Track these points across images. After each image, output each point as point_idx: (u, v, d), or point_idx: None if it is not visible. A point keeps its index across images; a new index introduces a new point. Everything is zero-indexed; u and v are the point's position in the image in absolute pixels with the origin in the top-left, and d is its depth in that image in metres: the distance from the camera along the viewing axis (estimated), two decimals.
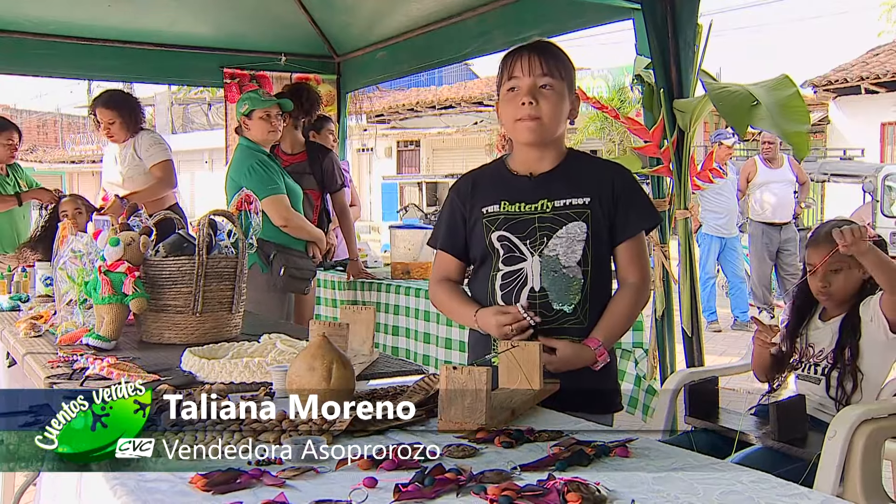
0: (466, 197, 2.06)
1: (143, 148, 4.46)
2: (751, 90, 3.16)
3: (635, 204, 2.01)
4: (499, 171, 2.07)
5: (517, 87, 1.94)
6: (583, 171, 2.02)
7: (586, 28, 4.19)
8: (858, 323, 2.44)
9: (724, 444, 2.37)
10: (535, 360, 1.75)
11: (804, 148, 3.14)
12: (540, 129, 1.94)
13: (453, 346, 3.90)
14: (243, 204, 2.97)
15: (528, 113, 1.93)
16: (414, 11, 4.92)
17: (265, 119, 3.73)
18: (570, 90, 1.99)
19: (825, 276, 2.47)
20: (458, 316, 2.09)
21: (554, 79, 1.94)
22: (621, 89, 16.37)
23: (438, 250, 2.13)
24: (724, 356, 6.38)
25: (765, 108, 3.08)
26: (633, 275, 2.02)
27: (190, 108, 28.78)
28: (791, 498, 1.22)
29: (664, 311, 3.65)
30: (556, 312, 1.95)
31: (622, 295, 2.02)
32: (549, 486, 1.22)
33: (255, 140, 3.77)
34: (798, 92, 3.19)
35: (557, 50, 1.99)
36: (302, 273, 3.81)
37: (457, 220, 2.08)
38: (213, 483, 1.25)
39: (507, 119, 1.99)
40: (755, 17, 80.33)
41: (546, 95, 1.93)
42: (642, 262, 2.03)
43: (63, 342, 2.51)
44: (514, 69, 1.95)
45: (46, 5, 4.94)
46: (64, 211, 4.03)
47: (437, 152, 23.73)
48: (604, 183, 1.99)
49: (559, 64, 1.96)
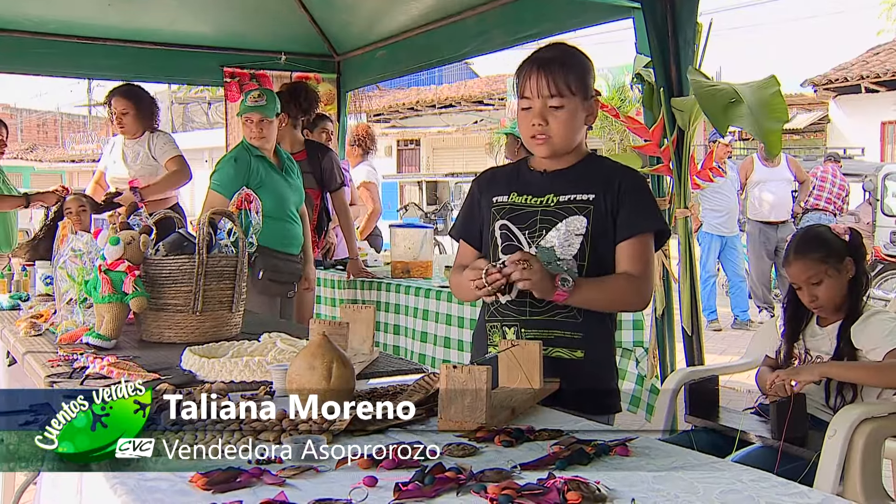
0: (484, 188, 2.11)
1: (157, 147, 4.48)
2: (737, 89, 3.17)
3: (640, 205, 1.99)
4: (517, 168, 2.13)
5: (529, 107, 1.96)
6: (594, 171, 2.02)
7: (586, 27, 4.19)
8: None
9: (724, 443, 2.37)
10: (535, 359, 1.75)
11: (776, 145, 3.17)
12: (551, 146, 1.97)
13: (452, 346, 3.90)
14: (243, 203, 2.97)
15: (539, 132, 1.96)
16: (414, 10, 4.92)
17: (247, 124, 3.74)
18: (585, 98, 1.97)
19: (809, 290, 2.43)
20: (469, 277, 1.98)
21: (564, 97, 1.93)
22: (621, 88, 16.36)
23: (460, 240, 2.17)
24: (725, 355, 6.38)
25: (746, 106, 3.10)
26: (630, 269, 1.96)
27: (190, 107, 28.77)
28: (791, 497, 1.22)
29: (664, 310, 3.65)
30: (547, 304, 1.94)
31: (614, 276, 1.97)
32: (549, 485, 1.21)
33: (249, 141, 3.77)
34: (780, 91, 3.19)
35: (569, 60, 1.96)
36: (282, 276, 3.76)
37: (474, 211, 2.12)
38: (212, 482, 1.25)
39: (523, 132, 2.02)
40: (755, 16, 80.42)
41: (556, 116, 1.94)
42: (643, 261, 1.97)
43: (63, 341, 2.51)
44: (524, 89, 1.96)
45: (46, 4, 4.95)
46: (68, 209, 4.03)
47: (437, 151, 23.73)
48: (611, 182, 1.99)
49: (569, 78, 1.93)
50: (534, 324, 1.95)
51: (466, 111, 21.97)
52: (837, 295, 2.42)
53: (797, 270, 2.44)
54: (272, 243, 3.65)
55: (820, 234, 2.48)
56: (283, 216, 3.71)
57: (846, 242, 2.45)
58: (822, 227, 2.56)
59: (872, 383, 2.33)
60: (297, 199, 3.85)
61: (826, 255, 2.41)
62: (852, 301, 2.43)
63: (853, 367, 2.34)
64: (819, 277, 2.41)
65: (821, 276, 2.41)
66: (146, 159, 4.47)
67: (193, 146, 24.93)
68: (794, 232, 2.67)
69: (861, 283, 2.43)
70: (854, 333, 2.38)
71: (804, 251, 2.44)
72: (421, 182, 18.93)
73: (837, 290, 2.42)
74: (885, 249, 8.65)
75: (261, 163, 3.70)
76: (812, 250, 2.43)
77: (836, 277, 2.41)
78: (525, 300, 1.96)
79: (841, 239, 2.45)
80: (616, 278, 1.96)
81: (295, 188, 3.85)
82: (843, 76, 14.73)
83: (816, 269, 2.41)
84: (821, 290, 2.42)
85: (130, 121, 4.44)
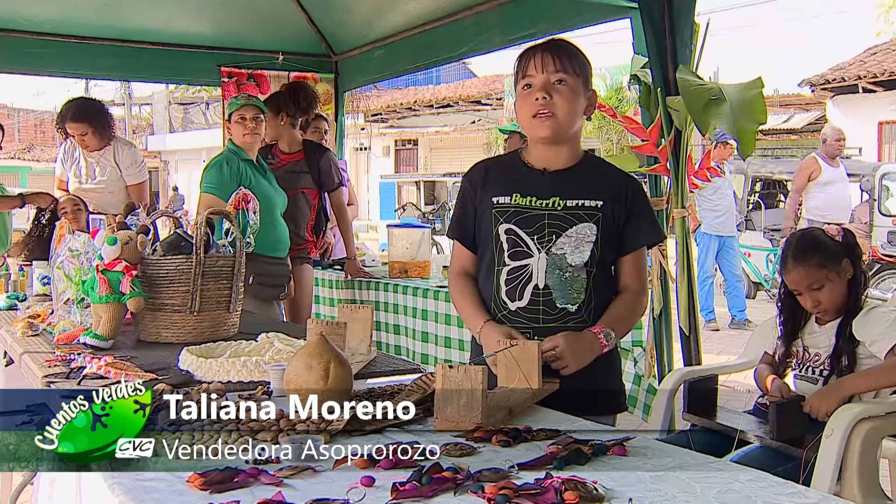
0: (478, 185, 2.07)
1: (124, 164, 4.44)
2: (723, 88, 3.19)
3: (645, 218, 2.04)
4: (513, 163, 2.08)
5: (531, 84, 1.95)
6: (598, 175, 2.03)
7: (584, 27, 4.19)
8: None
9: (722, 443, 2.36)
10: (533, 358, 1.75)
11: (749, 144, 3.18)
12: (555, 124, 1.95)
13: (452, 345, 3.90)
14: (241, 203, 2.97)
15: (542, 108, 1.93)
16: (411, 10, 4.92)
17: (240, 122, 3.72)
18: (586, 86, 1.99)
19: (811, 295, 2.42)
20: (466, 320, 2.08)
21: (567, 74, 1.94)
22: (619, 88, 16.38)
23: (454, 240, 2.15)
24: (722, 355, 6.39)
25: (727, 105, 3.11)
26: (634, 284, 2.05)
27: (188, 106, 28.73)
28: (788, 496, 1.22)
29: (662, 310, 3.65)
30: (559, 311, 1.96)
31: (624, 298, 2.04)
32: (546, 485, 1.22)
33: (236, 143, 3.74)
34: (762, 93, 3.22)
35: (572, 47, 2.00)
36: (272, 280, 3.76)
37: (467, 209, 2.09)
38: (210, 482, 1.25)
39: (522, 116, 1.99)
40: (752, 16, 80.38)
41: (560, 91, 1.94)
42: (643, 274, 2.07)
43: (60, 341, 2.51)
44: (527, 68, 1.96)
45: (44, 4, 4.94)
46: (63, 209, 4.03)
47: (434, 151, 23.73)
48: (618, 190, 2.01)
49: (573, 60, 1.96)
50: (546, 331, 1.94)
51: (464, 111, 21.97)
52: (839, 297, 2.42)
53: (798, 277, 2.43)
54: (260, 249, 3.60)
55: (815, 239, 2.47)
56: (271, 221, 3.69)
57: (841, 244, 2.45)
58: (817, 230, 2.56)
59: (891, 384, 2.33)
60: (282, 202, 3.84)
61: (825, 259, 2.41)
62: (852, 300, 2.43)
63: (869, 376, 2.33)
64: (820, 283, 2.41)
65: (822, 282, 2.40)
66: (114, 173, 4.44)
67: (191, 146, 24.96)
68: (787, 237, 2.66)
69: (860, 282, 2.44)
70: (855, 327, 2.38)
71: (803, 258, 2.42)
72: (419, 182, 18.96)
73: (839, 293, 2.42)
74: (883, 249, 8.65)
75: (248, 166, 3.69)
76: (810, 256, 2.42)
77: (837, 280, 2.41)
78: (538, 307, 1.96)
79: (836, 241, 2.45)
80: (628, 302, 2.03)
81: (279, 192, 3.85)
82: (840, 76, 14.73)
83: (817, 276, 2.40)
84: (823, 295, 2.41)
85: (91, 139, 4.37)
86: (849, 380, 2.34)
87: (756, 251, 9.75)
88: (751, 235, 10.10)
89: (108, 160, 4.43)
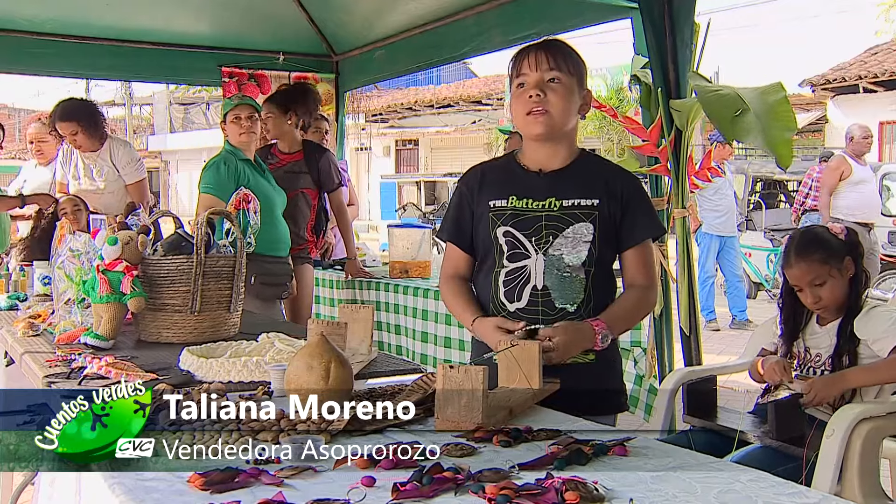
0: (474, 189, 2.07)
1: (120, 163, 4.43)
2: (742, 94, 3.14)
3: (642, 211, 2.03)
4: (509, 165, 2.08)
5: (525, 82, 1.95)
6: (593, 173, 2.03)
7: (584, 27, 4.19)
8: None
9: (722, 443, 2.37)
10: (534, 359, 1.75)
11: (788, 156, 3.09)
12: (549, 121, 1.94)
13: (452, 345, 3.90)
14: (241, 203, 2.97)
15: (536, 105, 1.93)
16: (412, 10, 4.92)
17: (235, 122, 3.71)
18: (581, 85, 2.00)
19: (812, 291, 2.42)
20: (459, 317, 2.10)
21: (561, 73, 1.95)
22: (619, 88, 16.39)
23: (447, 242, 2.13)
24: (723, 355, 6.38)
25: (752, 115, 3.05)
26: (640, 279, 2.04)
27: (189, 107, 28.75)
28: (789, 497, 1.22)
29: (662, 310, 3.65)
30: (558, 311, 1.96)
31: (628, 294, 2.05)
32: (547, 485, 1.22)
33: (233, 144, 3.73)
34: (786, 98, 3.14)
35: (566, 46, 2.01)
36: (275, 279, 3.76)
37: (464, 212, 2.08)
38: (210, 482, 1.25)
39: (517, 115, 1.99)
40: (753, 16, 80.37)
41: (554, 88, 1.94)
42: (649, 267, 2.06)
43: (61, 341, 2.51)
44: (521, 67, 1.97)
45: (44, 4, 4.93)
46: (63, 209, 4.03)
47: (435, 151, 23.74)
48: (613, 187, 2.00)
49: (567, 59, 1.97)
50: None
51: (465, 111, 21.98)
52: (840, 294, 2.42)
53: (800, 273, 2.44)
54: (261, 248, 3.61)
55: (819, 235, 2.48)
56: (271, 220, 3.68)
57: (844, 241, 2.45)
58: (820, 227, 2.57)
59: (894, 379, 2.32)
60: (281, 201, 3.84)
61: (827, 255, 2.41)
62: (853, 298, 2.43)
63: (872, 370, 2.33)
64: (822, 279, 2.41)
65: (824, 278, 2.41)
66: (111, 173, 4.43)
67: (192, 146, 24.97)
68: (791, 234, 2.66)
69: (861, 280, 2.44)
70: (857, 326, 2.38)
71: (805, 253, 2.43)
72: (419, 182, 18.96)
73: (840, 290, 2.42)
74: (884, 249, 8.65)
75: (246, 166, 3.69)
76: (813, 252, 2.42)
77: (838, 277, 2.41)
78: (537, 308, 1.96)
79: (839, 238, 2.45)
80: (632, 298, 2.03)
81: (279, 191, 3.85)
82: (840, 76, 14.74)
83: (819, 272, 2.40)
84: (824, 292, 2.41)
85: (83, 139, 4.35)
86: (852, 372, 2.34)
87: (757, 251, 9.75)
88: (751, 235, 10.10)
89: (105, 160, 4.43)
